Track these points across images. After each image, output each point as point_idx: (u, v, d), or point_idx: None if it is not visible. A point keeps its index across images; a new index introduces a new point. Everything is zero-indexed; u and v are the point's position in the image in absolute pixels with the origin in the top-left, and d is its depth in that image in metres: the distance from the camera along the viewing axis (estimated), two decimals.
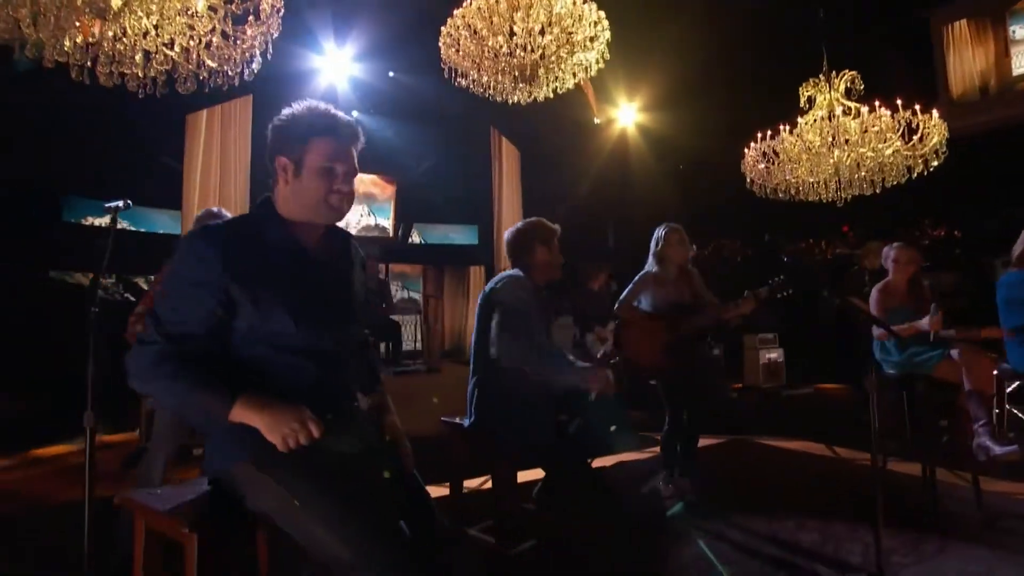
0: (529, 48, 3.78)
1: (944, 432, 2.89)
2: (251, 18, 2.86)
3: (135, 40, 2.77)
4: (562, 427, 2.10)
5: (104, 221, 6.45)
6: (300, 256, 1.37)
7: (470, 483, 3.03)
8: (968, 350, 2.75)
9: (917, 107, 3.97)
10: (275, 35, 3.07)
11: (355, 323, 1.49)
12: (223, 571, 1.29)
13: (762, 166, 4.50)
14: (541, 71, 3.99)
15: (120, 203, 2.14)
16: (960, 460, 2.90)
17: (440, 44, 3.95)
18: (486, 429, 2.00)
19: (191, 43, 2.87)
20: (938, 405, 2.82)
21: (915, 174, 4.16)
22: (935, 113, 4.00)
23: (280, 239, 1.35)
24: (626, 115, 8.13)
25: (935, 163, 4.07)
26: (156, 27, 2.77)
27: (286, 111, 1.38)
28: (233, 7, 2.77)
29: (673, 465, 2.99)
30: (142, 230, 6.07)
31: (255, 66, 3.07)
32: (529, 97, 4.25)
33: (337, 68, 6.79)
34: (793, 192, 4.54)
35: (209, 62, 2.95)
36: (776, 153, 4.41)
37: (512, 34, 3.78)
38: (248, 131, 6.15)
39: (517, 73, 4.01)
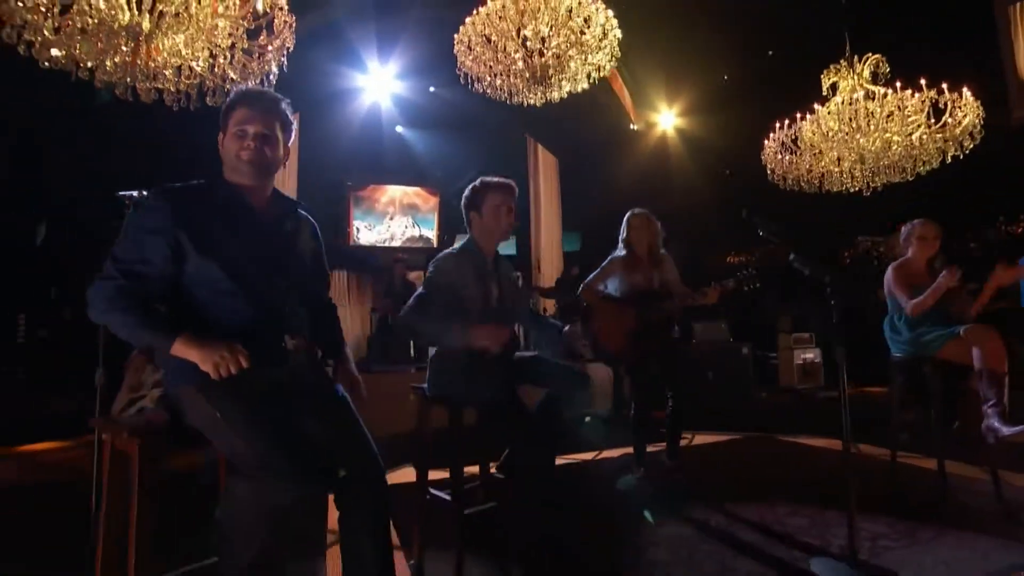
0: (539, 51, 3.91)
1: (955, 418, 2.70)
2: (264, 32, 3.17)
3: (167, 58, 3.14)
4: (521, 402, 2.01)
5: None
6: (245, 213, 1.57)
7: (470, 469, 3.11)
8: (976, 327, 2.57)
9: (944, 86, 3.76)
10: (290, 48, 3.39)
11: (297, 279, 1.65)
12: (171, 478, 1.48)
13: (783, 156, 4.37)
14: (551, 71, 4.10)
15: (135, 193, 2.36)
16: (979, 453, 2.71)
17: (455, 51, 4.14)
18: (439, 395, 2.08)
19: (216, 59, 3.22)
20: (947, 390, 2.64)
21: (949, 157, 3.92)
22: (966, 91, 3.77)
23: (227, 197, 1.56)
24: (665, 120, 8.07)
25: (970, 146, 3.83)
26: (185, 45, 3.13)
27: None
28: (246, 23, 3.08)
29: (641, 452, 2.96)
30: None
31: (273, 78, 3.40)
32: (544, 98, 4.37)
33: (380, 85, 7.20)
34: (817, 183, 4.38)
35: (232, 75, 3.29)
36: (796, 143, 4.27)
37: (525, 41, 3.92)
38: (296, 148, 6.62)
39: (529, 75, 4.14)
